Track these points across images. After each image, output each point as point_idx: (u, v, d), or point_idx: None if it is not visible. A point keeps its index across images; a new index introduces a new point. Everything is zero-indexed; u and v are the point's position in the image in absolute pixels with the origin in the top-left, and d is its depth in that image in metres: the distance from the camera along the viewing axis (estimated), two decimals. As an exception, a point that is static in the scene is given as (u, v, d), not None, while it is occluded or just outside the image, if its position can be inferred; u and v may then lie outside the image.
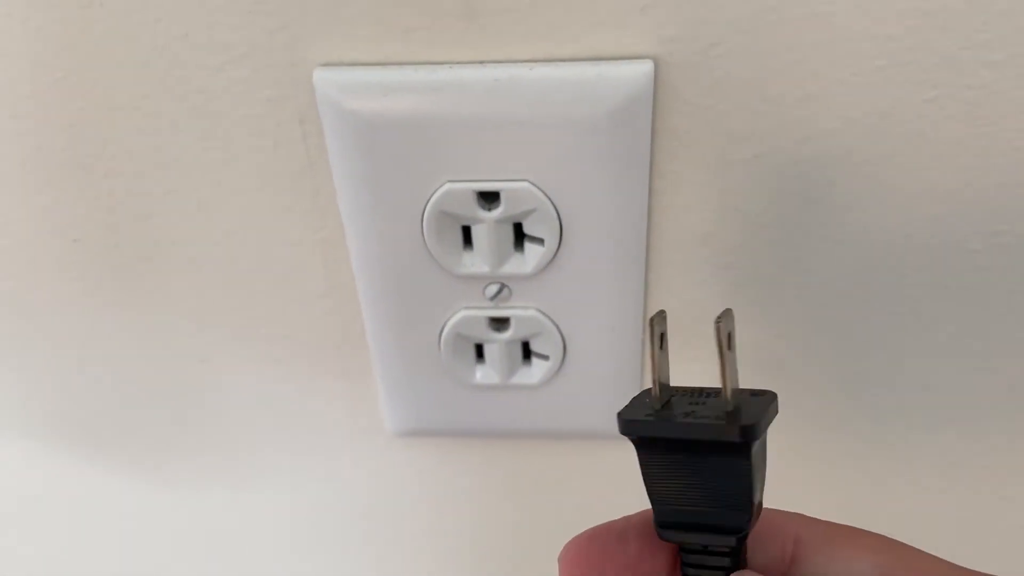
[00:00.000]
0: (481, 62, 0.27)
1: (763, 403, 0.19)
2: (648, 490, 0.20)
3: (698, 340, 0.32)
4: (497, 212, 0.28)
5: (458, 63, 0.27)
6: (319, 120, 0.28)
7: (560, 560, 0.20)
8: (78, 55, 0.28)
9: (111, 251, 0.32)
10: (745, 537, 0.19)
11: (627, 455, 0.21)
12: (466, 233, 0.30)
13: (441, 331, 0.32)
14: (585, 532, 0.20)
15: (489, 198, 0.29)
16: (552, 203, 0.28)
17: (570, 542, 0.20)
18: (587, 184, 0.28)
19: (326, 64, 0.27)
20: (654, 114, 0.27)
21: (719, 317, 0.19)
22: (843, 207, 0.29)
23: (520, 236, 0.30)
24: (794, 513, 0.21)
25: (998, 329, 0.31)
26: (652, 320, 0.20)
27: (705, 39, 0.26)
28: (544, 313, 0.31)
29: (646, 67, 0.26)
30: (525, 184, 0.28)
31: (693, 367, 0.31)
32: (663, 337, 0.20)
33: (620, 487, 0.34)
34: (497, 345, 0.32)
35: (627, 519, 0.21)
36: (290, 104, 0.28)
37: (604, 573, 0.19)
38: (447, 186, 0.28)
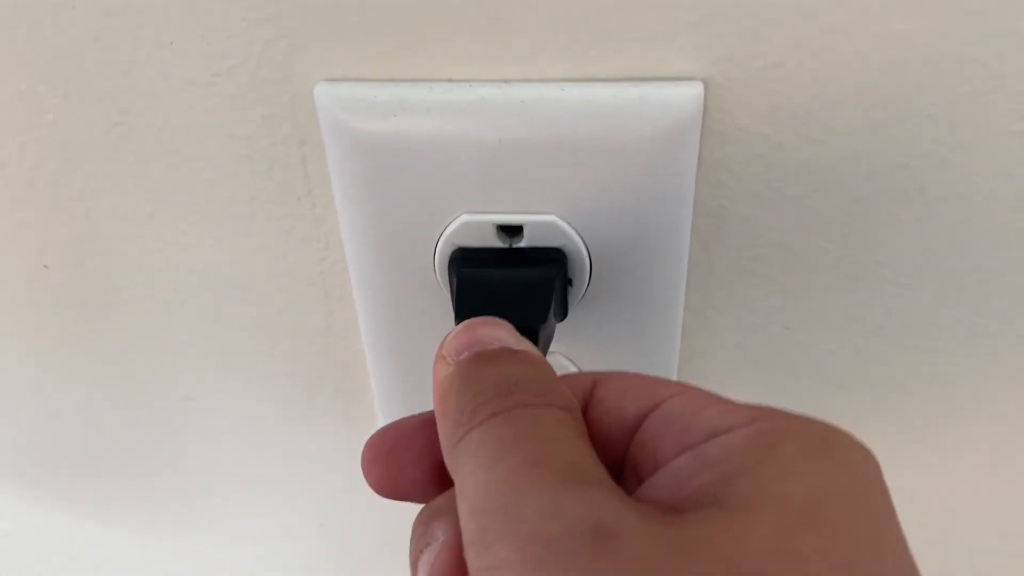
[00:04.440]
0: (505, 80, 0.23)
1: None
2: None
3: (742, 384, 0.29)
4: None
5: (479, 81, 0.24)
6: (320, 141, 0.25)
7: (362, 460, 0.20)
8: (47, 63, 0.24)
9: (86, 278, 0.29)
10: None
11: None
12: (483, 268, 0.26)
13: (452, 374, 0.29)
14: (380, 429, 0.21)
15: (511, 231, 0.25)
16: (582, 240, 0.25)
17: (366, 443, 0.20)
18: (622, 219, 0.25)
19: (329, 79, 0.24)
20: (701, 142, 0.24)
21: None
22: (912, 249, 0.25)
23: (544, 273, 0.26)
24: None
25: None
26: None
27: (764, 59, 0.22)
28: (569, 358, 0.28)
29: (695, 89, 0.23)
30: (552, 218, 0.25)
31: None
32: None
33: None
34: (514, 390, 0.29)
35: (422, 413, 0.21)
36: (287, 123, 0.25)
37: (402, 462, 0.20)
38: (463, 218, 0.25)
